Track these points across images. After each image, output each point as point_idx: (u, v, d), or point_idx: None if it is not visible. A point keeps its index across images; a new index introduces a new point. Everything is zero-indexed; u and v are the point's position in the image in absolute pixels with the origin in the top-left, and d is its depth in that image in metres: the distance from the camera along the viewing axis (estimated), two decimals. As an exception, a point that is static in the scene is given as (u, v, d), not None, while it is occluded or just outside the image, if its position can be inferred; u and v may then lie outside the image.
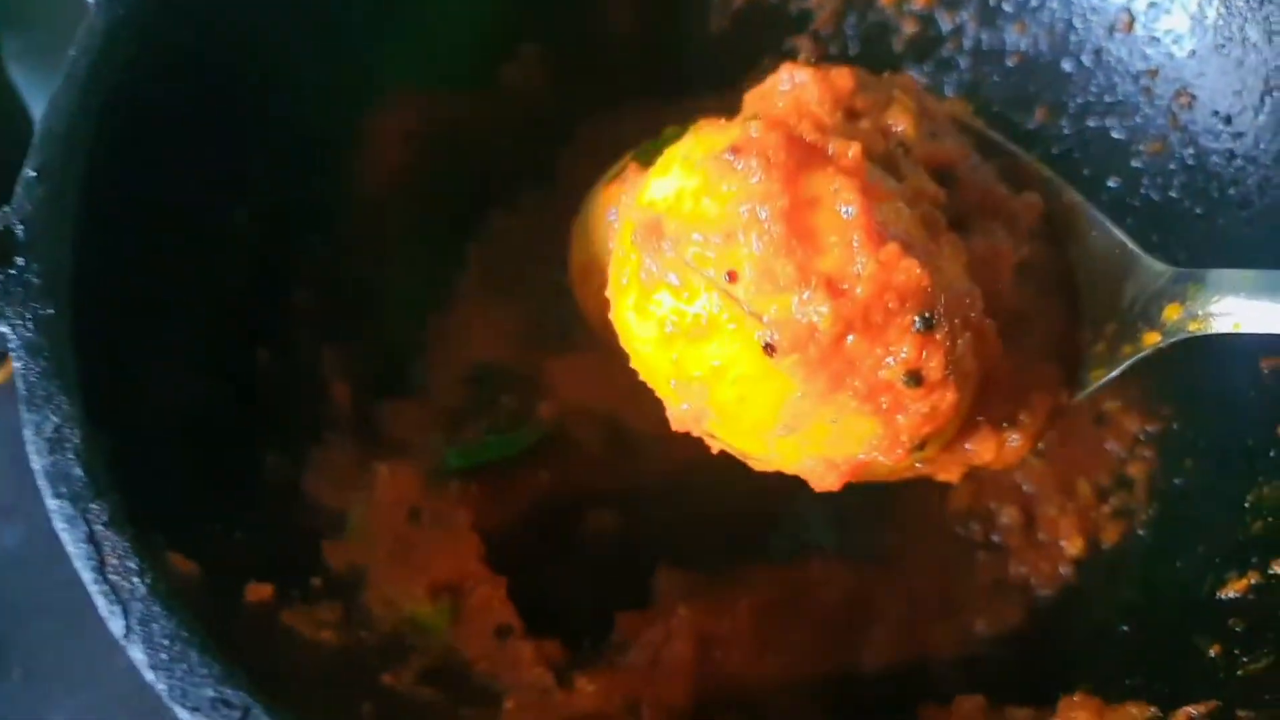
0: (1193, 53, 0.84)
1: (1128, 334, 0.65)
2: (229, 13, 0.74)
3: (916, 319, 0.53)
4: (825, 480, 0.57)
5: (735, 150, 0.55)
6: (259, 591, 0.59)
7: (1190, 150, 0.85)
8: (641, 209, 0.59)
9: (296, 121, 0.79)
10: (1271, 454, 0.72)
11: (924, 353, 0.53)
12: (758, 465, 0.60)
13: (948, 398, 0.54)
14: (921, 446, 0.57)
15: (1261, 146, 0.80)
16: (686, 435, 0.61)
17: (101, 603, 0.53)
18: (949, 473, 0.63)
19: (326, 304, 0.79)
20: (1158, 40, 0.86)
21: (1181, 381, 0.82)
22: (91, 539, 0.53)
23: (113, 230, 0.64)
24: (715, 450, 0.61)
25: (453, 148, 0.89)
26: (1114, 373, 0.65)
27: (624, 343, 0.62)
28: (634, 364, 0.62)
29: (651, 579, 0.77)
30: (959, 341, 0.55)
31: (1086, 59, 0.90)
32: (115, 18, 0.67)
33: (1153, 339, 0.64)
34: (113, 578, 0.53)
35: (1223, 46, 0.82)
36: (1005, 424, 0.62)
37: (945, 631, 0.73)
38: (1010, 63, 0.92)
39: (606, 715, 0.66)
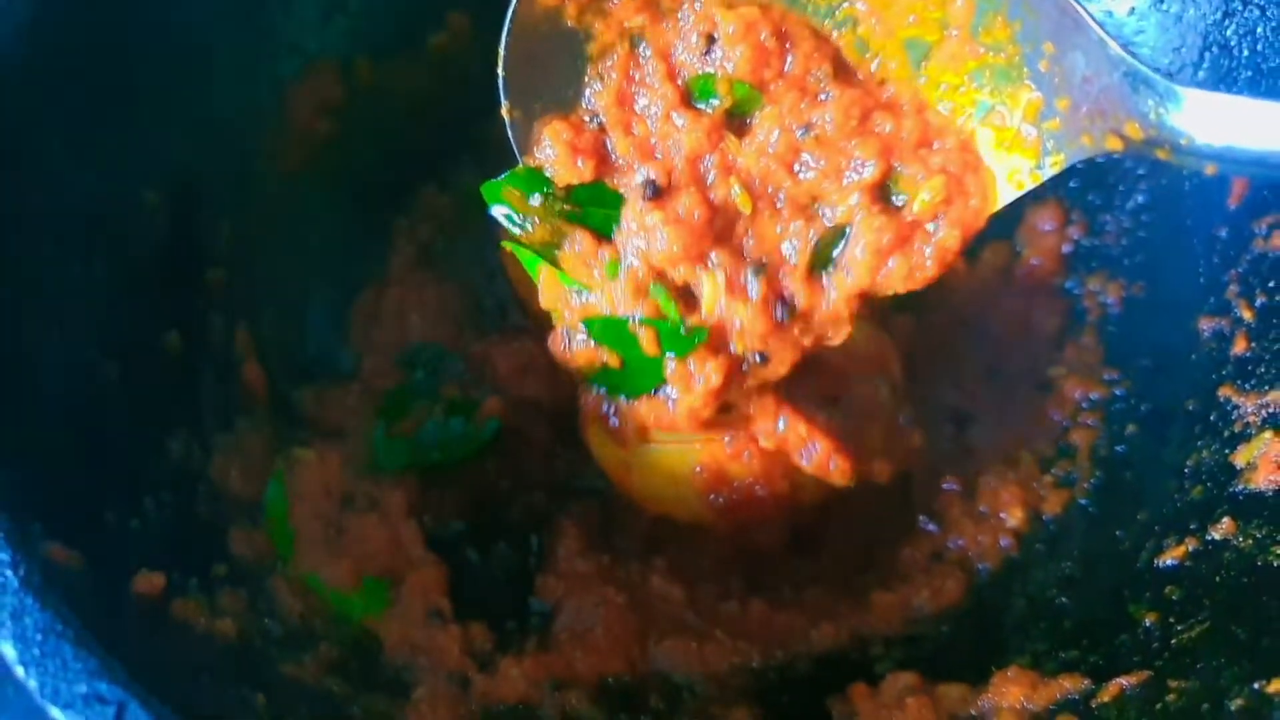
0: (1132, 9, 0.81)
1: (1085, 124, 0.63)
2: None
3: None
4: None
5: None
6: (149, 581, 0.56)
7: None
8: None
9: (207, 94, 0.77)
10: (1211, 417, 0.70)
11: None
12: None
13: None
14: None
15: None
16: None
17: (-30, 596, 0.50)
18: None
19: (240, 284, 0.76)
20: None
21: (1125, 346, 0.80)
22: (-39, 529, 0.51)
23: (8, 207, 0.61)
24: None
25: (376, 120, 0.86)
26: (1071, 160, 0.63)
27: None
28: None
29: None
30: None
31: (1026, 18, 0.87)
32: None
33: (1115, 144, 0.62)
34: (-17, 570, 0.50)
35: (1161, 2, 0.80)
36: None
37: (886, 605, 0.70)
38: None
39: (528, 700, 0.64)
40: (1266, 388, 0.68)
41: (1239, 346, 0.72)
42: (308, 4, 0.83)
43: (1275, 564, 0.60)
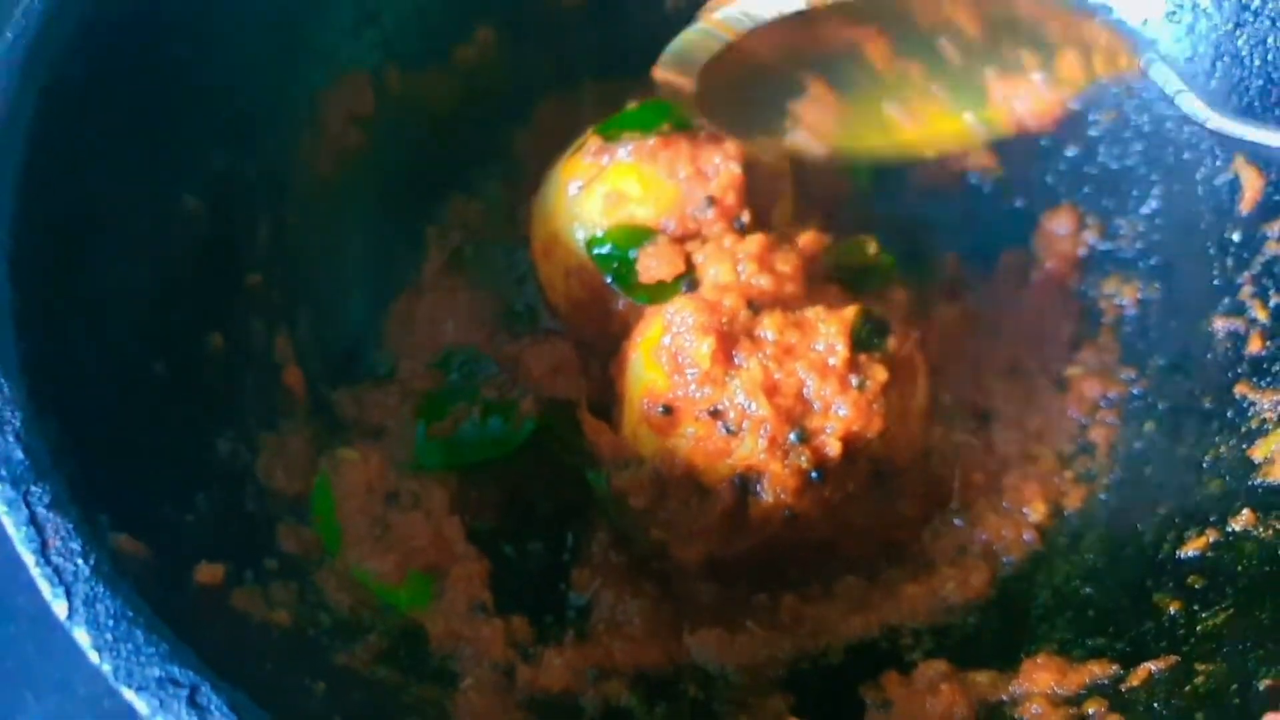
0: (1145, 20, 0.84)
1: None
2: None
3: None
4: None
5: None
6: (209, 572, 0.58)
7: (1145, 118, 0.86)
8: None
9: (245, 104, 0.79)
10: (1228, 414, 0.72)
11: None
12: None
13: None
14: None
15: (1214, 111, 0.80)
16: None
17: (45, 586, 0.52)
18: None
19: (279, 288, 0.78)
20: (1112, 8, 0.86)
21: (1141, 346, 0.82)
22: (33, 521, 0.52)
23: (55, 214, 0.63)
24: None
25: (407, 129, 0.88)
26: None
27: None
28: None
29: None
30: None
31: (1041, 29, 0.90)
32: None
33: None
34: (55, 559, 0.52)
35: (1174, 13, 0.82)
36: None
37: (914, 597, 0.72)
38: (966, 35, 0.92)
39: (571, 688, 0.66)
40: (1282, 385, 0.71)
41: (1254, 345, 0.74)
42: (341, 15, 0.85)
43: (1295, 553, 0.62)
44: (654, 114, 0.78)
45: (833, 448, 0.68)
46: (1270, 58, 0.77)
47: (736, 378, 0.69)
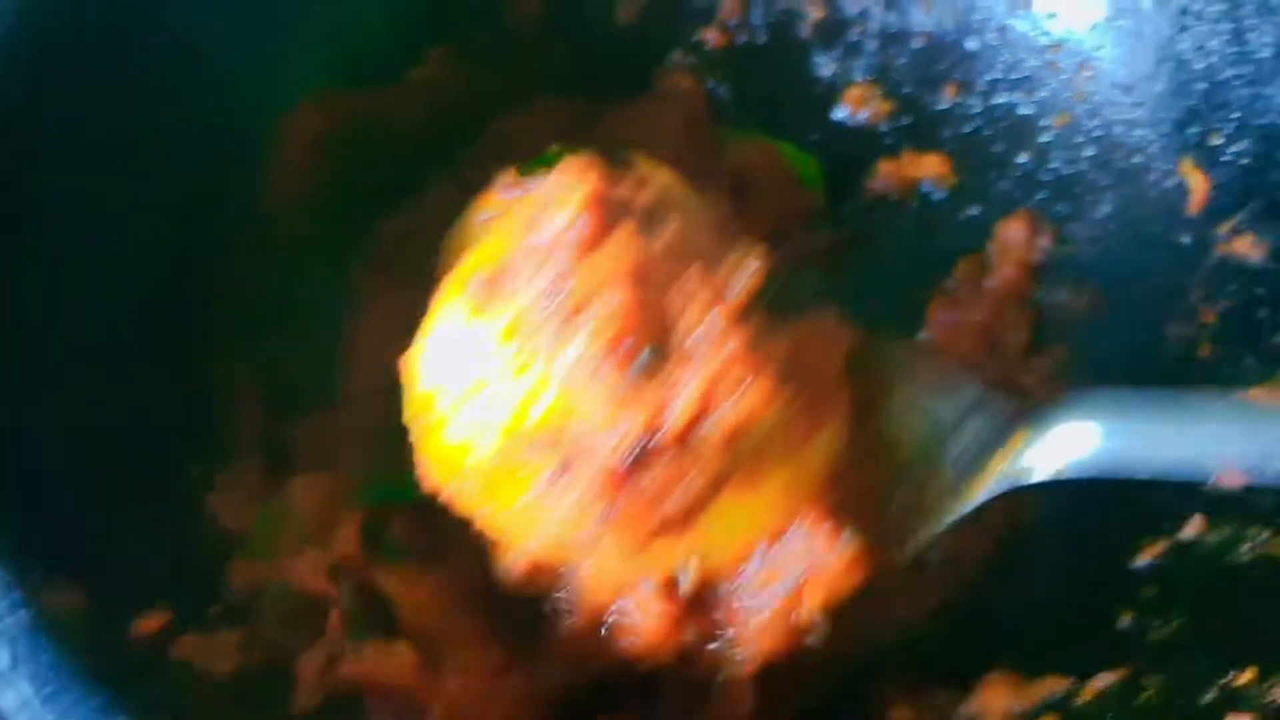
0: (1092, 25, 0.84)
1: (972, 478, 0.64)
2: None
3: None
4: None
5: None
6: (151, 620, 0.58)
7: (1095, 122, 0.86)
8: None
9: (200, 131, 0.78)
10: (1180, 419, 0.73)
11: None
12: None
13: None
14: None
15: (1160, 115, 0.81)
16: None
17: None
18: None
19: (233, 317, 0.78)
20: (1058, 15, 0.86)
21: (1095, 353, 0.82)
22: (-31, 571, 0.52)
23: (6, 246, 0.63)
24: None
25: (363, 150, 0.88)
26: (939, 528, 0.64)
27: None
28: None
29: None
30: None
31: (991, 36, 0.90)
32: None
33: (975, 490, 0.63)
34: (-9, 612, 0.52)
35: (1119, 18, 0.83)
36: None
37: (870, 611, 0.72)
38: (916, 44, 0.92)
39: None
40: (1231, 390, 0.71)
41: (1204, 351, 0.74)
42: (299, 38, 0.85)
43: (1242, 560, 0.62)
44: None
45: (694, 387, 0.50)
46: (1213, 60, 0.77)
47: (602, 251, 0.52)
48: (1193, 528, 0.66)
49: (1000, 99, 0.90)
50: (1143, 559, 0.67)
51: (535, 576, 0.61)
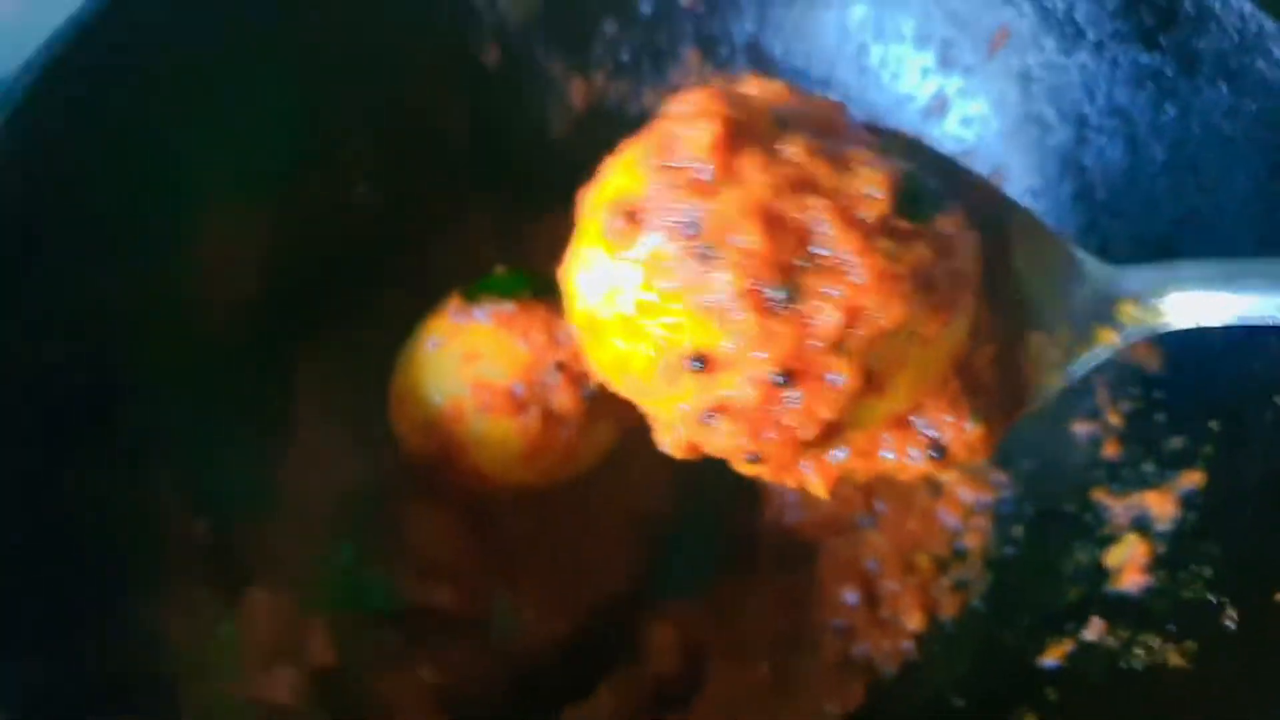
0: (1000, 132, 0.88)
1: (1082, 336, 0.63)
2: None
3: None
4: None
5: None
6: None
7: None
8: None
9: (125, 251, 0.79)
10: (1086, 519, 0.76)
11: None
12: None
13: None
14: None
15: (1066, 219, 0.84)
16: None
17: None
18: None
19: (165, 432, 0.78)
20: (971, 122, 0.90)
21: (1010, 448, 0.85)
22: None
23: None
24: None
25: (293, 269, 0.90)
26: (1077, 373, 0.63)
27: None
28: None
29: None
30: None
31: (908, 142, 0.94)
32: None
33: (1109, 337, 0.62)
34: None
35: (1023, 128, 0.87)
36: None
37: (793, 713, 0.75)
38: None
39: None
40: (1132, 490, 0.74)
41: (1109, 450, 0.77)
42: (226, 158, 0.85)
43: (1135, 666, 0.65)
44: (515, 281, 0.82)
45: (829, 318, 0.51)
46: (1109, 171, 0.81)
47: (732, 189, 0.52)
48: (1093, 630, 0.69)
49: (923, 200, 0.94)
50: (1048, 659, 0.70)
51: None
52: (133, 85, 0.79)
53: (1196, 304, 0.60)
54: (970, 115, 0.90)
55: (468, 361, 0.78)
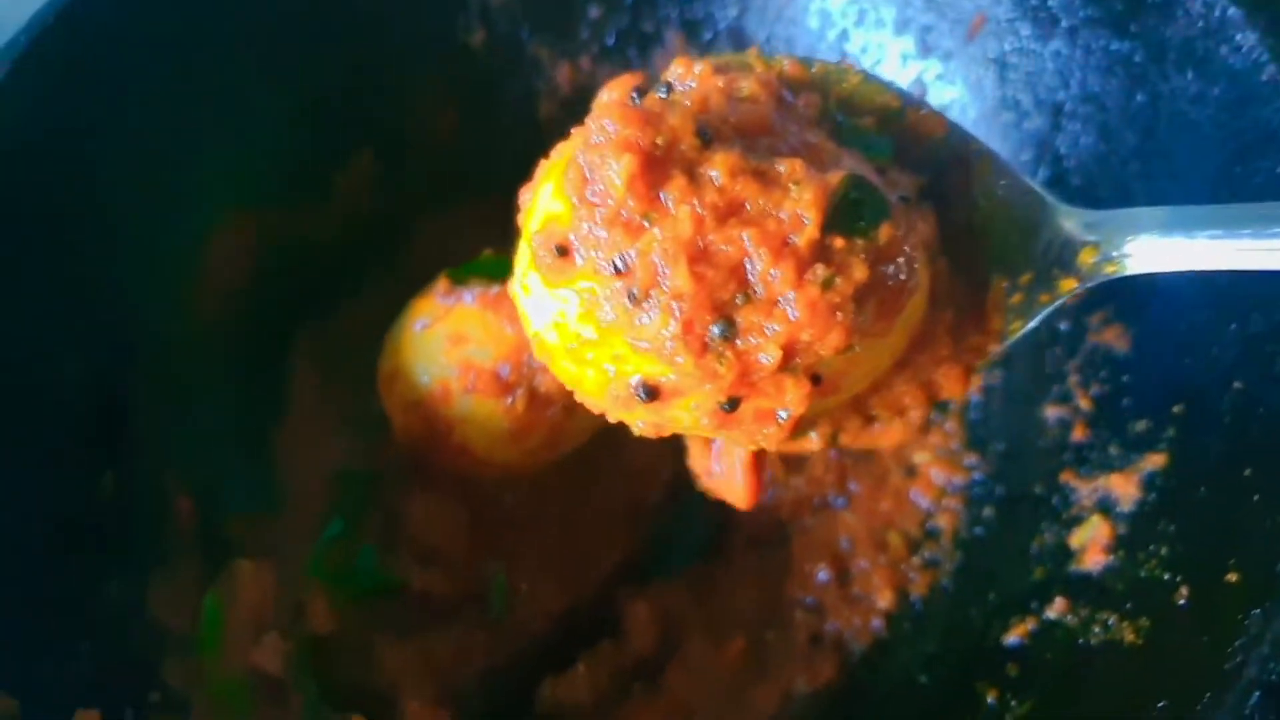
0: (976, 118, 0.89)
1: (1044, 282, 0.63)
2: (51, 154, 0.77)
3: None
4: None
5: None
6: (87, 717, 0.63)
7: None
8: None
9: (124, 255, 0.81)
10: (1054, 500, 0.77)
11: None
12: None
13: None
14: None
15: (1041, 204, 0.85)
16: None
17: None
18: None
19: (165, 426, 0.81)
20: (948, 108, 0.91)
21: (983, 432, 0.87)
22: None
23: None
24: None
25: (287, 260, 0.92)
26: (1034, 321, 0.63)
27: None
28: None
29: None
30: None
31: (888, 128, 0.95)
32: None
33: (1070, 285, 0.62)
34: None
35: (999, 113, 0.87)
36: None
37: (766, 693, 0.77)
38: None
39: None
40: (1098, 473, 0.75)
41: (1078, 433, 0.79)
42: (220, 155, 0.88)
43: (1094, 643, 0.67)
44: (502, 264, 0.82)
45: (767, 355, 0.50)
46: (1083, 156, 0.82)
47: (657, 225, 0.50)
48: (1056, 609, 0.71)
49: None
50: (1011, 637, 0.72)
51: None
52: (117, 74, 0.80)
53: (1154, 250, 0.59)
54: (947, 101, 0.91)
55: (455, 343, 0.80)
